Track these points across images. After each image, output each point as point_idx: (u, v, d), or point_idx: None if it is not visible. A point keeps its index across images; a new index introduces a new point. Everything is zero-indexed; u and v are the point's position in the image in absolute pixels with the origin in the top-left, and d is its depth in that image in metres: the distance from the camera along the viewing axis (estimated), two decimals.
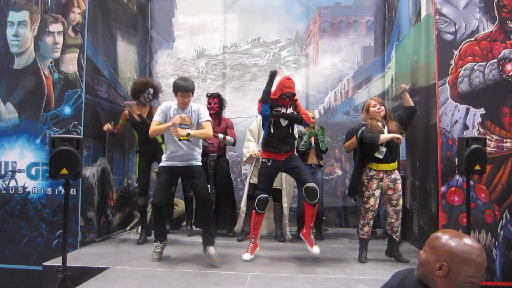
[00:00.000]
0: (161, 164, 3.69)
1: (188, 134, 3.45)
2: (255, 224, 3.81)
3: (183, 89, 3.53)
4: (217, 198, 4.71)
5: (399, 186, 3.71)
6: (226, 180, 4.81)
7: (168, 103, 3.69)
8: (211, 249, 3.53)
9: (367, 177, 3.72)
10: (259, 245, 3.88)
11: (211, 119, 3.70)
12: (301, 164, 3.84)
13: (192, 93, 3.61)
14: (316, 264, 3.67)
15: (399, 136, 3.60)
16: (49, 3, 4.25)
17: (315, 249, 3.66)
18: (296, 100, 3.83)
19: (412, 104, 3.80)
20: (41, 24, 4.24)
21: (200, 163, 3.74)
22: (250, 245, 3.81)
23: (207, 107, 4.67)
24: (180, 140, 3.55)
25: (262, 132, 4.39)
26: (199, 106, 3.70)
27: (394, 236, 3.77)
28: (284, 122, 3.75)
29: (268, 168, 3.79)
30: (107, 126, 4.43)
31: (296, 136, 4.27)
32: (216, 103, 4.74)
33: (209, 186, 4.64)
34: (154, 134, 3.68)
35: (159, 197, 3.59)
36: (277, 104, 3.75)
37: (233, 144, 4.78)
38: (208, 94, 4.83)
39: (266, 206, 3.77)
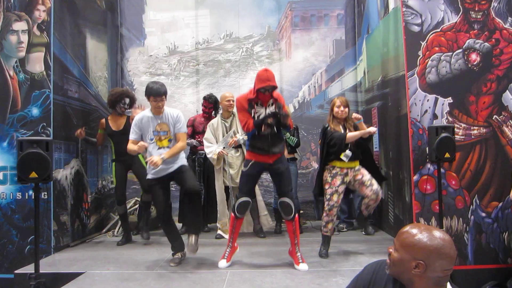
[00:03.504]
0: (148, 177, 3.54)
1: (163, 159, 3.33)
2: (234, 228, 3.54)
3: (155, 93, 3.37)
4: (205, 194, 4.81)
5: (365, 171, 3.68)
6: (212, 177, 4.88)
7: (139, 115, 3.55)
8: (193, 238, 3.51)
9: (330, 174, 3.65)
10: (238, 247, 3.64)
11: (186, 130, 3.64)
12: (286, 173, 3.52)
13: (165, 96, 3.46)
14: None
15: (369, 130, 3.53)
16: (12, 1, 4.08)
17: (302, 267, 3.35)
18: (279, 98, 3.44)
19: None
20: (4, 23, 4.07)
21: (184, 162, 3.63)
22: (227, 249, 3.53)
23: (202, 110, 4.93)
24: (159, 148, 3.46)
25: (220, 134, 4.47)
26: (177, 113, 3.54)
27: (365, 211, 3.76)
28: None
29: (251, 168, 3.47)
30: (79, 131, 4.43)
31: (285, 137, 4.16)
32: (211, 108, 4.88)
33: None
34: (130, 153, 3.56)
35: (161, 206, 3.49)
36: (256, 103, 3.41)
37: None
38: (206, 97, 4.90)
39: (247, 210, 3.55)
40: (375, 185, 3.63)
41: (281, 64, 5.97)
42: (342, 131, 3.67)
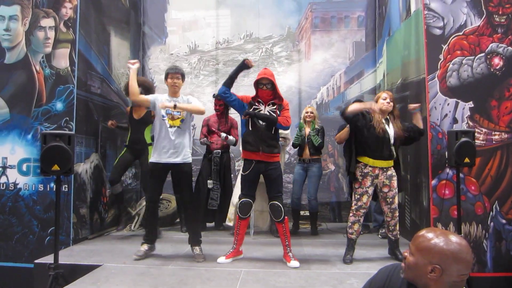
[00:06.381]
0: (151, 161, 3.66)
1: (175, 106, 3.47)
2: (238, 229, 3.60)
3: (172, 70, 3.60)
4: (221, 193, 4.84)
5: (395, 183, 3.52)
6: (228, 176, 4.96)
7: (161, 94, 3.75)
8: (196, 249, 3.66)
9: (361, 173, 3.50)
10: (242, 252, 3.68)
11: (200, 103, 3.73)
12: (278, 179, 3.58)
13: (182, 77, 3.64)
14: (309, 259, 3.68)
15: (370, 105, 3.43)
16: None
17: (293, 264, 3.43)
18: (282, 101, 3.57)
19: (422, 127, 3.63)
20: (33, 19, 4.21)
21: (188, 160, 3.66)
22: (231, 250, 3.61)
23: (214, 108, 4.94)
24: (170, 127, 3.55)
25: None
26: (188, 96, 3.73)
27: (390, 236, 3.61)
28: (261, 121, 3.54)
29: (249, 174, 3.55)
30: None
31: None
32: (222, 104, 4.85)
33: (212, 181, 4.79)
34: (131, 91, 3.60)
35: (153, 192, 3.65)
36: (257, 101, 3.56)
37: (234, 144, 4.85)
38: (214, 95, 4.92)
39: (249, 211, 3.58)
40: (395, 204, 3.52)
41: (300, 65, 5.97)
42: (385, 124, 3.52)
